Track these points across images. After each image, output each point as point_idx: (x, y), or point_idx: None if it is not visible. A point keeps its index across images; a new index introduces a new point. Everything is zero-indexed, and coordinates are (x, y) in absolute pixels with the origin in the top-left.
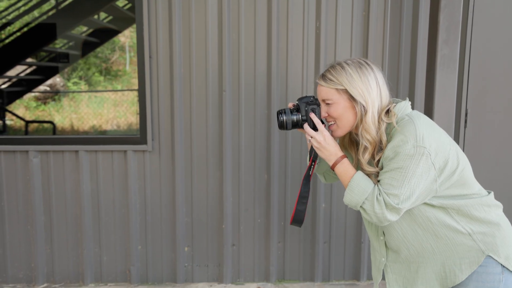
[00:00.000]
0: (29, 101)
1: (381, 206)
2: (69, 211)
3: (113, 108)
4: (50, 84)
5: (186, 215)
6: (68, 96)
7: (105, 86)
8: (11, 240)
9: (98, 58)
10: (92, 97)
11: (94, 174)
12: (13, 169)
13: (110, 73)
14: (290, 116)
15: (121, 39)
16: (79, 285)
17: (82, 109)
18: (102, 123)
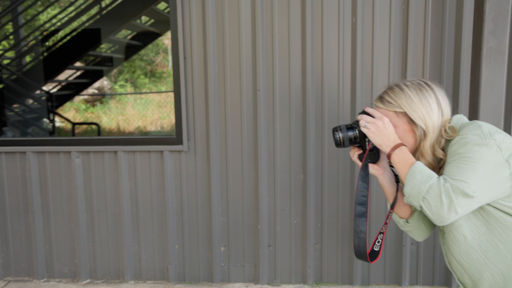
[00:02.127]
0: (78, 104)
1: (448, 192)
2: (109, 210)
3: (157, 110)
4: (98, 87)
5: (222, 215)
6: (114, 98)
7: (149, 88)
8: (57, 237)
9: (143, 60)
10: (138, 99)
11: (133, 174)
12: (57, 169)
13: (155, 75)
14: (347, 132)
15: (164, 41)
16: (120, 282)
17: (128, 110)
18: (146, 124)
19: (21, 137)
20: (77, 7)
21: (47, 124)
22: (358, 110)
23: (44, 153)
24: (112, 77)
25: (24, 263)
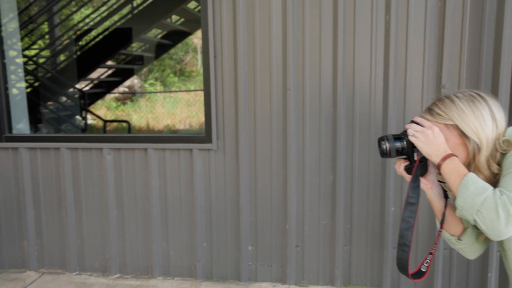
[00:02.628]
0: (110, 102)
1: (505, 205)
2: (139, 207)
3: (186, 108)
4: (128, 85)
5: (250, 214)
6: (144, 97)
7: (179, 86)
8: (88, 232)
9: (173, 59)
10: (167, 97)
11: (162, 171)
12: (90, 165)
13: (184, 74)
14: (394, 143)
15: (194, 40)
16: (148, 278)
17: (158, 109)
18: (175, 123)
19: (55, 133)
20: (109, 6)
21: (79, 122)
22: (391, 111)
23: (77, 149)
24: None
25: (57, 256)
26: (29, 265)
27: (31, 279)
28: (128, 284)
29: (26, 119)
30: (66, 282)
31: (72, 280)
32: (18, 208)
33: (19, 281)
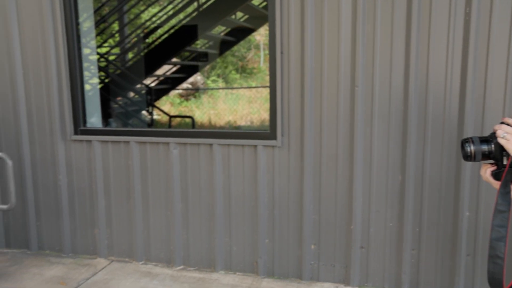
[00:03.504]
0: (173, 98)
1: None
2: (203, 201)
3: (247, 105)
4: (191, 82)
5: (314, 212)
6: (207, 93)
7: (240, 83)
8: (154, 224)
9: (235, 56)
10: (229, 93)
11: (226, 166)
12: (156, 159)
13: (246, 70)
14: (480, 145)
15: (256, 37)
16: (211, 271)
17: (219, 105)
18: (237, 119)
19: (123, 128)
20: (175, 5)
21: (145, 116)
22: (468, 111)
23: (145, 143)
24: (205, 73)
25: (125, 246)
26: (99, 253)
27: (101, 265)
28: (191, 276)
29: (98, 113)
30: (133, 270)
31: (139, 269)
32: (91, 198)
33: (91, 267)
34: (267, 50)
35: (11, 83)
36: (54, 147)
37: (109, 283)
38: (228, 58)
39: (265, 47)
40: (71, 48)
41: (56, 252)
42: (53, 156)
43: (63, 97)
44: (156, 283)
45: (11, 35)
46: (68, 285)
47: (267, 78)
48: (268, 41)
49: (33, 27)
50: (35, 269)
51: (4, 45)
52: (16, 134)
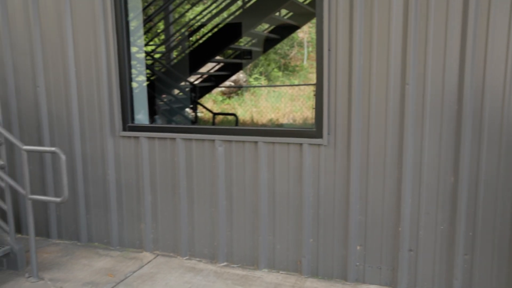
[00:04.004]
0: (216, 96)
1: None
2: (247, 198)
3: (289, 102)
4: (234, 79)
5: (360, 212)
6: (249, 91)
7: (283, 81)
8: (199, 220)
9: (277, 54)
10: (271, 91)
11: (271, 164)
12: (202, 156)
13: (288, 68)
14: None
15: (299, 35)
16: (254, 269)
17: (262, 103)
18: (279, 117)
19: (168, 124)
20: (220, 3)
21: (188, 114)
22: None
23: (191, 140)
24: (247, 70)
25: (170, 241)
26: (145, 247)
27: (147, 259)
28: (234, 273)
29: (145, 110)
30: (177, 265)
31: (183, 264)
32: (138, 192)
33: (137, 260)
34: (310, 47)
35: (64, 81)
36: (104, 143)
37: (155, 276)
38: (270, 55)
39: (309, 45)
40: (120, 47)
41: (104, 245)
42: (103, 151)
43: (113, 95)
44: (200, 278)
45: (65, 35)
46: (116, 277)
47: (309, 76)
48: (312, 39)
49: (85, 27)
50: (84, 260)
51: (58, 45)
52: (68, 130)
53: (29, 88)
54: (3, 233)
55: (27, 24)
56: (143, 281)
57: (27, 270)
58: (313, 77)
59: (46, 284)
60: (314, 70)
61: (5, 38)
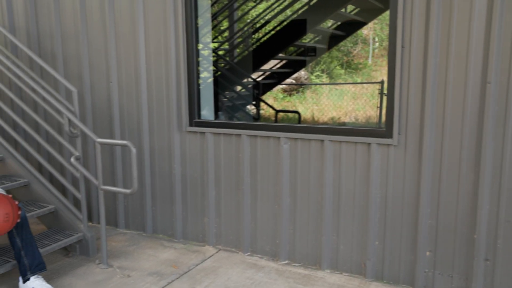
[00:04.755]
0: (277, 93)
1: None
2: (311, 197)
3: (352, 101)
4: (295, 77)
5: (431, 217)
6: (310, 89)
7: (345, 79)
8: (261, 216)
9: (340, 51)
10: (333, 89)
11: (337, 164)
12: (267, 153)
13: (351, 66)
14: None
15: (363, 31)
16: (316, 269)
17: (323, 101)
18: (340, 115)
19: (230, 121)
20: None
21: (249, 111)
22: None
23: (256, 137)
24: (309, 68)
25: (232, 236)
26: (208, 241)
27: (210, 253)
28: (296, 272)
29: (209, 106)
30: (239, 261)
31: (245, 260)
32: (202, 187)
33: (200, 253)
34: (375, 44)
35: (135, 77)
36: (171, 138)
37: (217, 270)
38: (333, 53)
39: (374, 42)
40: (189, 44)
41: (168, 237)
42: (169, 146)
43: (181, 91)
44: (262, 275)
45: (138, 33)
46: (180, 269)
47: (373, 74)
48: (378, 35)
49: (156, 25)
50: (150, 251)
51: (131, 43)
52: (138, 125)
53: (103, 83)
54: (77, 221)
55: (103, 23)
56: (206, 274)
57: (97, 257)
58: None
59: (115, 271)
60: (378, 68)
61: (83, 37)
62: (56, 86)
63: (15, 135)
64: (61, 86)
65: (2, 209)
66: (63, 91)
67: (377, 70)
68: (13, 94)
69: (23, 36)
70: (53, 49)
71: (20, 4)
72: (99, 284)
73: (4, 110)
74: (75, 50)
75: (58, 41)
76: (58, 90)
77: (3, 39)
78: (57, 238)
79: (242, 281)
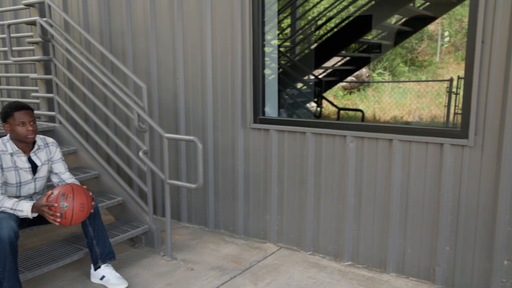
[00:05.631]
0: (337, 91)
1: None
2: (377, 198)
3: (415, 99)
4: (356, 74)
5: (510, 224)
6: (371, 86)
7: (408, 76)
8: (324, 215)
9: (404, 48)
10: (395, 87)
11: (406, 164)
12: (331, 151)
13: (415, 63)
14: None
15: (429, 27)
16: (381, 271)
17: (385, 99)
18: (403, 114)
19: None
20: None
21: (309, 108)
22: None
23: (321, 135)
24: (370, 65)
25: (294, 234)
26: (269, 238)
27: (271, 250)
28: (359, 274)
29: (273, 103)
30: (301, 260)
31: (306, 259)
32: (265, 184)
33: (261, 250)
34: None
35: (201, 74)
36: (235, 134)
37: (279, 268)
38: (396, 49)
39: (443, 38)
40: (255, 41)
41: (230, 232)
42: (233, 142)
43: (246, 87)
44: (324, 275)
45: (205, 31)
46: (242, 265)
47: (439, 72)
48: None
49: (223, 23)
50: (212, 246)
51: (198, 40)
52: (203, 121)
53: (170, 80)
54: (143, 213)
55: (171, 21)
56: (267, 271)
57: (162, 249)
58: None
59: (179, 264)
60: (444, 65)
61: (152, 35)
62: (126, 82)
63: (86, 127)
64: (129, 81)
65: (78, 199)
66: (131, 86)
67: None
68: (86, 88)
69: (96, 35)
70: (123, 46)
71: (94, 6)
72: (164, 275)
73: (77, 104)
74: (144, 47)
75: (128, 39)
76: (127, 86)
77: (78, 37)
78: (124, 229)
79: (304, 280)
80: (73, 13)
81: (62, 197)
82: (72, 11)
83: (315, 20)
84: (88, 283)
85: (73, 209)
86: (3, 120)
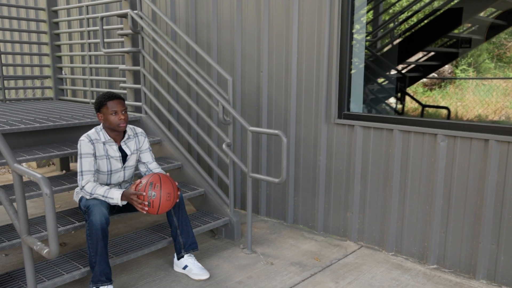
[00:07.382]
0: (416, 87)
1: None
2: (468, 200)
3: (502, 98)
4: (438, 71)
5: None
6: (454, 83)
7: (494, 73)
8: (409, 216)
9: (491, 43)
10: (480, 84)
11: (503, 166)
12: (420, 150)
13: (502, 59)
14: None
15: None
16: (469, 278)
17: (468, 96)
18: (488, 113)
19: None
20: None
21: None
22: None
23: (409, 132)
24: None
25: (376, 233)
26: (350, 236)
27: (351, 249)
28: (446, 278)
29: (358, 99)
30: (383, 260)
31: (389, 259)
32: (347, 181)
33: (341, 248)
34: None
35: (286, 67)
36: (317, 129)
37: (360, 268)
38: (483, 45)
39: None
40: (344, 35)
41: (309, 228)
42: (316, 137)
43: (331, 82)
44: (408, 278)
45: (291, 23)
46: (322, 262)
47: None
48: None
49: (311, 15)
50: (291, 241)
51: (283, 33)
52: (285, 114)
53: (253, 72)
54: (224, 205)
55: (257, 13)
56: (348, 270)
57: (241, 242)
58: None
59: (259, 257)
60: None
61: (237, 27)
62: (209, 73)
63: (170, 117)
64: (213, 73)
65: (165, 189)
66: (215, 78)
67: None
68: (170, 78)
69: (183, 26)
70: (208, 38)
71: None
72: (244, 268)
73: (161, 94)
74: (229, 39)
75: (213, 30)
76: (211, 77)
77: (164, 29)
78: (205, 220)
79: (387, 282)
80: (161, 5)
81: (150, 186)
82: (160, 2)
83: (401, 13)
84: (171, 272)
85: (160, 198)
86: (97, 110)
